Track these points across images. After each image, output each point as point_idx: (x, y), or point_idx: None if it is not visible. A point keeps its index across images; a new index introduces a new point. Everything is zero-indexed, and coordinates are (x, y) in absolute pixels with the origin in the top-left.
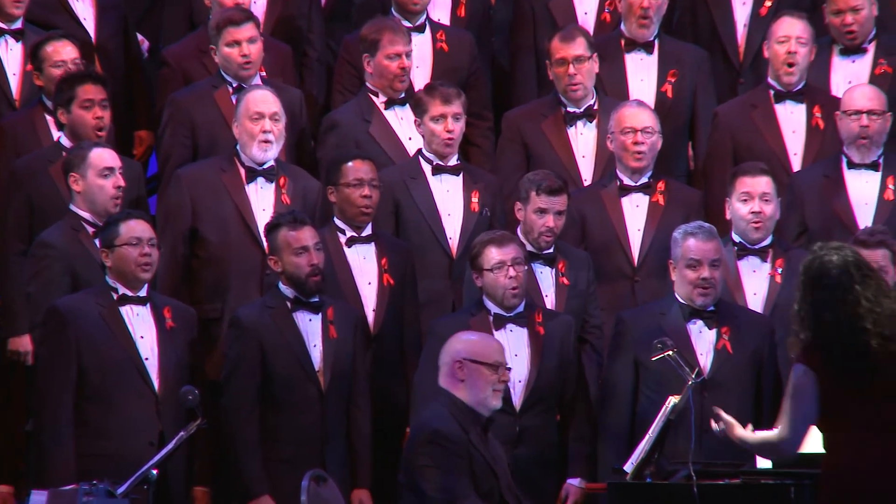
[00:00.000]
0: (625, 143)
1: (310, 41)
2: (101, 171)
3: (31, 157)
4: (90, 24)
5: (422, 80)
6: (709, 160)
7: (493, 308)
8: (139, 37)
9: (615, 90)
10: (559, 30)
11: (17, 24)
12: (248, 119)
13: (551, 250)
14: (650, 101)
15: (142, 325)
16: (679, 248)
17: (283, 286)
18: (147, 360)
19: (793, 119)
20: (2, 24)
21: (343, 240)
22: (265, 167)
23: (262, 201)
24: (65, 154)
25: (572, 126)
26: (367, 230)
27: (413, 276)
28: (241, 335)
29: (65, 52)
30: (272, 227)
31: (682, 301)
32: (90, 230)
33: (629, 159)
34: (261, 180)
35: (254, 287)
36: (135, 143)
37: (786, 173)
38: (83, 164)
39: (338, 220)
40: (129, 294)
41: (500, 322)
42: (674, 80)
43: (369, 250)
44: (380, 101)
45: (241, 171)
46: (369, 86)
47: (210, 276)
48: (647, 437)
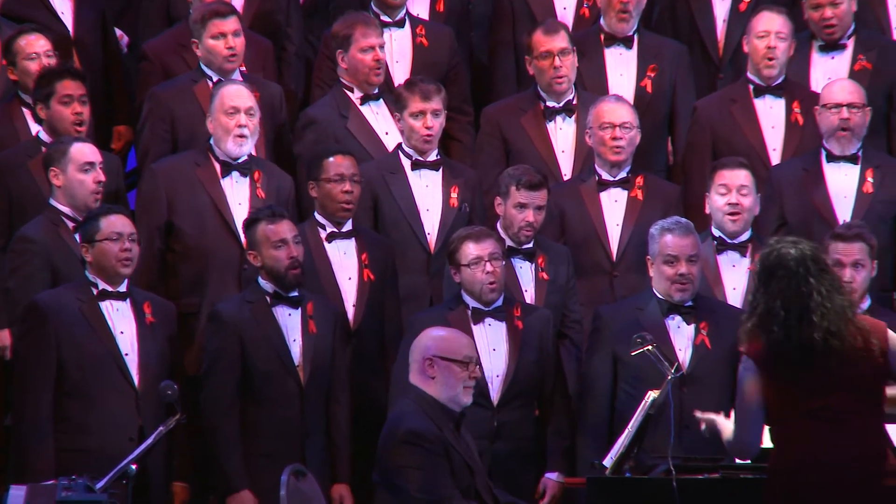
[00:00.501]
0: (603, 138)
1: (288, 36)
2: (82, 166)
3: (9, 152)
4: (68, 19)
5: (401, 75)
6: (688, 155)
7: (472, 303)
8: (118, 32)
9: (594, 85)
10: (539, 24)
11: None
12: (223, 114)
13: (531, 245)
14: (629, 95)
15: (121, 320)
16: (656, 245)
17: (262, 281)
18: (127, 355)
19: (772, 114)
20: None
21: (323, 235)
22: (239, 161)
23: (237, 195)
24: (44, 149)
25: (551, 121)
26: (348, 225)
27: (394, 272)
28: (220, 329)
29: (37, 44)
30: (250, 222)
31: (660, 296)
32: (70, 225)
33: (608, 154)
34: (235, 174)
35: (232, 281)
36: (113, 138)
37: (765, 168)
38: (63, 159)
39: (318, 216)
40: (109, 289)
41: (479, 316)
42: (653, 74)
43: (350, 245)
44: (355, 97)
45: (216, 165)
46: (344, 81)
47: (187, 270)
48: (626, 431)
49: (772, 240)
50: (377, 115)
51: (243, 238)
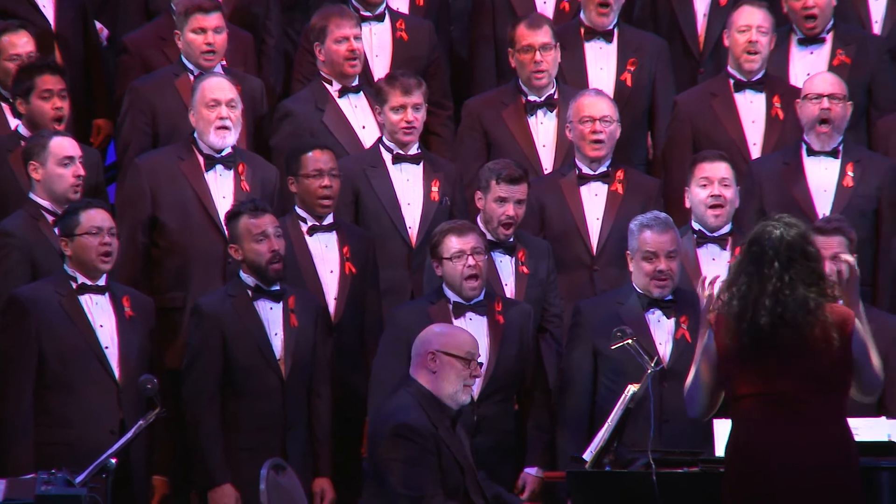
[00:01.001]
0: (583, 132)
1: (267, 29)
2: (62, 160)
3: None
4: (49, 13)
5: (381, 69)
6: (668, 149)
7: (453, 296)
8: (98, 25)
9: (574, 79)
10: (521, 18)
11: None
12: (205, 106)
13: (511, 239)
14: (609, 89)
15: (101, 313)
16: (635, 241)
17: (243, 275)
18: (107, 348)
19: (752, 108)
20: None
21: (304, 228)
22: (223, 154)
23: (221, 189)
24: (23, 143)
25: (532, 115)
26: (329, 219)
27: (375, 265)
28: (202, 323)
29: (20, 44)
30: (232, 216)
31: (640, 291)
32: (50, 219)
33: (587, 148)
34: (219, 168)
35: (216, 275)
36: (93, 132)
37: (745, 162)
38: (43, 153)
39: (299, 209)
40: (88, 283)
41: (460, 310)
42: (633, 68)
43: (331, 239)
44: (333, 90)
45: (200, 158)
46: (323, 74)
47: (172, 264)
48: (606, 425)
49: (776, 215)
50: (355, 109)
51: (227, 233)
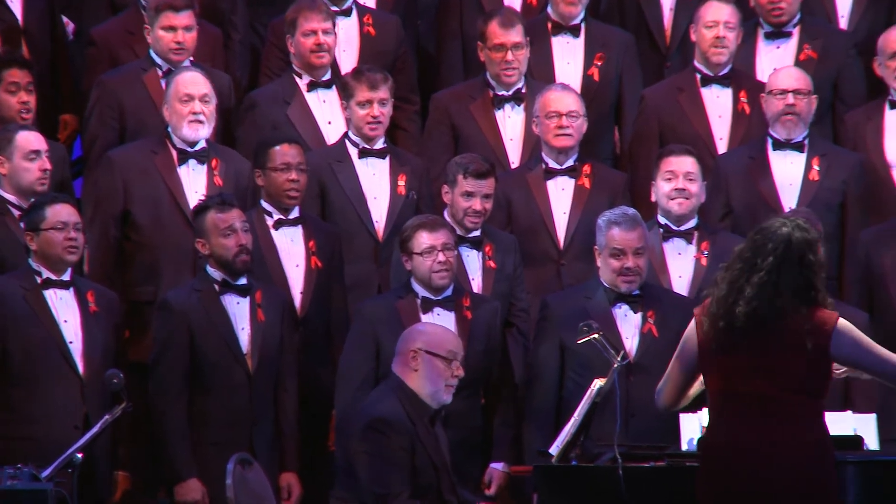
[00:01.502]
0: (549, 126)
1: (233, 24)
2: (28, 154)
3: None
4: (17, 7)
5: (349, 63)
6: (635, 143)
7: (422, 291)
8: (64, 19)
9: (542, 73)
10: (493, 14)
11: None
12: (178, 101)
13: (478, 233)
14: (576, 84)
15: (65, 308)
16: (603, 237)
17: (210, 269)
18: (71, 343)
19: (719, 103)
20: None
21: (270, 222)
22: (197, 149)
23: (194, 183)
24: None
25: (500, 109)
26: (295, 213)
27: (340, 259)
28: (169, 318)
29: None
30: (199, 210)
31: (606, 285)
32: (16, 213)
33: (554, 143)
34: (192, 162)
35: (187, 269)
36: (59, 127)
37: (711, 157)
38: (9, 147)
39: (265, 203)
40: (53, 278)
41: (428, 305)
42: (600, 63)
43: (297, 233)
44: (303, 83)
45: (173, 152)
46: (295, 67)
47: (143, 259)
48: (572, 419)
49: (792, 212)
50: (323, 104)
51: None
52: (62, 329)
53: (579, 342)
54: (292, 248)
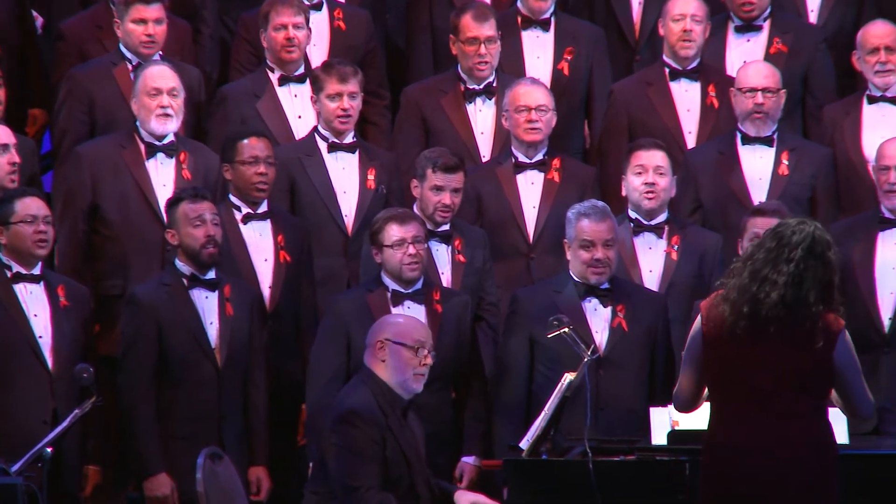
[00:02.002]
0: (519, 120)
1: (203, 18)
2: None
3: None
4: None
5: (319, 57)
6: (604, 137)
7: (392, 284)
8: (33, 13)
9: (512, 67)
10: (465, 8)
11: None
12: (146, 95)
13: (447, 227)
14: (546, 78)
15: (35, 303)
16: (573, 229)
17: (179, 263)
18: (41, 338)
19: (687, 97)
20: None
21: (239, 217)
22: (165, 142)
23: (162, 177)
24: None
25: (471, 103)
26: (263, 207)
27: (309, 254)
28: (137, 312)
29: None
30: (173, 202)
31: (576, 279)
32: None
33: (523, 137)
34: (161, 156)
35: (155, 263)
36: (28, 122)
37: (681, 151)
38: None
39: (233, 197)
40: (23, 272)
41: (398, 299)
42: (570, 57)
43: (265, 227)
44: (275, 78)
45: (141, 146)
46: (268, 62)
47: (111, 252)
48: (542, 414)
49: (802, 217)
50: (294, 98)
51: (166, 219)
52: (32, 324)
53: (549, 336)
54: (261, 243)
